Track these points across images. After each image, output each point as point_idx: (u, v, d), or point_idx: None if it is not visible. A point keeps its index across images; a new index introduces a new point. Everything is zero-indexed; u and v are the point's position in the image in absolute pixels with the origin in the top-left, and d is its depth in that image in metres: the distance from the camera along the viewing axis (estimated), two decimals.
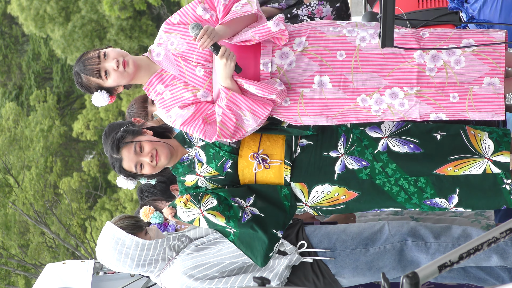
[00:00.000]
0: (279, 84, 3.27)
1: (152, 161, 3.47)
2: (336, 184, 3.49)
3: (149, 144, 3.48)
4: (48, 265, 5.37)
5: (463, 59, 3.21)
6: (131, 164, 3.48)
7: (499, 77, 3.19)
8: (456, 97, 3.22)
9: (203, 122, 3.34)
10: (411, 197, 3.44)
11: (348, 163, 3.48)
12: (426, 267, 2.03)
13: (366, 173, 3.46)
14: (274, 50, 3.33)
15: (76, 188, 20.72)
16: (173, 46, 3.41)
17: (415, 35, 3.28)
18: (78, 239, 19.48)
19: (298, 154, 3.53)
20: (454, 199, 3.42)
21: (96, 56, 3.38)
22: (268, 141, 3.55)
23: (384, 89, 3.25)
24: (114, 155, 3.49)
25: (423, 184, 3.42)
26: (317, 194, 3.52)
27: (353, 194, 3.49)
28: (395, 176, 3.44)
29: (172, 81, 3.41)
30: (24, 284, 19.39)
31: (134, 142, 3.47)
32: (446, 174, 3.40)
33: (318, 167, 3.50)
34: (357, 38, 3.29)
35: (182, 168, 3.62)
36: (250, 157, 3.53)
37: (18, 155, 20.97)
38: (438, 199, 3.43)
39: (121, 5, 20.16)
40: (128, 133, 3.51)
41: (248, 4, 3.33)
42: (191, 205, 3.51)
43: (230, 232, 3.54)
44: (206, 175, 3.57)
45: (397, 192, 3.45)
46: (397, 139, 3.46)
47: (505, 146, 3.37)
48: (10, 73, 24.32)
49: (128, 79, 3.40)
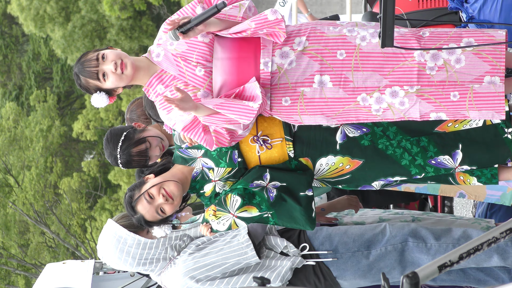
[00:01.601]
0: (258, 90, 3.24)
1: (168, 200, 3.46)
2: (339, 154, 3.50)
3: (155, 188, 3.46)
4: (48, 265, 5.37)
5: (464, 58, 3.21)
6: (152, 215, 3.47)
7: (500, 76, 3.19)
8: (456, 95, 3.23)
9: (203, 130, 3.34)
10: (415, 158, 3.46)
11: (348, 131, 3.49)
12: (426, 267, 2.03)
13: (368, 139, 3.48)
14: (274, 49, 3.33)
15: (76, 188, 20.71)
16: (172, 46, 3.40)
17: (415, 34, 3.28)
18: (78, 239, 19.48)
19: (297, 129, 3.54)
20: (458, 155, 3.45)
21: (94, 59, 3.37)
22: (265, 122, 3.55)
23: (384, 88, 3.26)
24: (134, 215, 3.49)
25: (426, 143, 3.45)
26: (321, 166, 3.53)
27: (357, 162, 3.50)
28: (396, 138, 3.46)
29: (172, 81, 3.41)
30: (24, 284, 19.39)
31: (142, 195, 3.47)
32: (447, 130, 3.43)
33: (319, 140, 3.52)
34: (357, 37, 3.29)
35: (197, 184, 3.61)
36: (250, 141, 3.54)
37: (18, 155, 20.97)
38: (442, 157, 3.45)
39: (121, 5, 20.15)
40: (134, 190, 3.51)
41: (237, 6, 3.33)
42: (221, 213, 3.51)
43: (268, 217, 3.52)
44: (221, 177, 3.57)
45: (400, 154, 3.47)
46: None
47: None
48: (10, 73, 24.32)
49: (126, 81, 3.39)
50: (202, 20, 3.19)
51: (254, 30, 3.25)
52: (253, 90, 3.26)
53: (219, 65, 3.33)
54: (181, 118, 3.35)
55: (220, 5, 3.13)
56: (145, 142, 3.65)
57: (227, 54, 3.33)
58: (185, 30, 3.19)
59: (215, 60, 3.34)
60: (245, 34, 3.26)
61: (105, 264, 5.20)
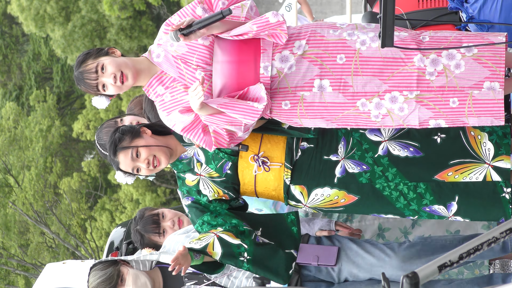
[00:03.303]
0: (263, 92, 3.24)
1: (149, 167, 3.48)
2: (336, 188, 3.49)
3: (146, 150, 3.48)
4: (48, 265, 5.37)
5: (463, 63, 3.20)
6: (128, 169, 3.51)
7: (499, 82, 3.18)
8: (456, 102, 3.22)
9: (203, 130, 3.34)
10: (410, 203, 3.44)
11: (348, 166, 3.48)
12: (426, 267, 2.03)
13: (366, 177, 3.46)
14: (274, 53, 3.32)
15: (76, 188, 20.69)
16: (173, 47, 3.40)
17: (415, 39, 3.27)
18: (78, 239, 19.47)
19: (299, 157, 3.53)
20: (453, 206, 3.42)
21: (93, 71, 3.35)
22: (269, 143, 3.54)
23: (384, 93, 3.24)
24: (111, 156, 3.50)
25: (423, 190, 3.42)
26: (316, 196, 3.52)
27: (353, 198, 3.49)
28: (395, 181, 3.44)
29: (172, 83, 3.41)
30: (24, 284, 19.38)
31: (131, 148, 3.47)
32: (446, 180, 3.40)
33: (319, 171, 3.50)
34: (357, 41, 3.28)
35: (181, 165, 3.62)
36: (250, 159, 3.53)
37: (18, 155, 20.95)
38: (437, 206, 3.43)
39: (121, 5, 20.14)
40: (126, 135, 3.51)
41: (240, 7, 3.32)
42: (203, 235, 3.51)
43: (243, 261, 3.51)
44: (207, 175, 3.57)
45: (396, 197, 3.44)
46: (397, 142, 3.46)
47: (505, 149, 3.37)
48: (10, 73, 24.30)
49: (127, 89, 3.43)
50: (205, 24, 3.18)
51: (256, 33, 3.24)
52: (258, 92, 3.25)
53: (219, 68, 3.33)
54: (181, 119, 3.35)
55: (226, 12, 3.12)
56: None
57: (227, 57, 3.32)
58: (187, 33, 3.18)
59: (215, 64, 3.34)
60: (247, 36, 3.26)
61: None
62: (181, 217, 3.78)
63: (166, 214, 3.91)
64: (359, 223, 4.11)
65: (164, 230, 3.75)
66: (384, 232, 3.97)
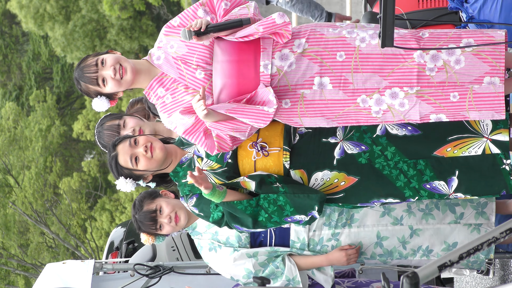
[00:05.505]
0: (271, 95, 3.25)
1: (147, 152, 3.48)
2: (335, 170, 3.49)
3: (143, 137, 3.54)
4: (48, 265, 5.36)
5: (463, 58, 3.21)
6: (126, 158, 3.50)
7: (499, 76, 3.19)
8: (456, 96, 3.23)
9: (205, 134, 3.35)
10: (411, 180, 3.44)
11: (347, 148, 3.49)
12: (426, 267, 2.03)
13: (365, 157, 3.47)
14: (274, 51, 3.32)
15: (76, 188, 20.71)
16: (173, 49, 3.41)
17: (415, 35, 3.28)
18: (78, 239, 19.49)
19: (297, 141, 3.54)
20: (453, 181, 3.43)
21: (94, 64, 3.39)
22: (267, 130, 3.55)
23: (384, 89, 3.26)
24: (111, 153, 3.52)
25: (422, 167, 3.43)
26: (316, 181, 3.52)
27: (353, 179, 3.49)
28: (394, 159, 3.45)
29: (172, 84, 3.42)
30: (24, 284, 19.40)
31: (129, 138, 3.55)
32: (446, 156, 3.41)
33: (317, 153, 3.51)
34: (357, 39, 3.29)
35: (182, 171, 3.61)
36: (249, 146, 3.54)
37: (18, 155, 20.97)
38: (437, 182, 3.44)
39: (121, 5, 20.16)
40: (126, 138, 3.59)
41: (245, 7, 3.34)
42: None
43: (278, 186, 3.48)
44: (208, 169, 3.57)
45: (396, 175, 3.45)
46: (396, 122, 3.45)
47: (503, 123, 3.38)
48: (10, 73, 24.32)
49: (126, 86, 3.42)
50: (222, 28, 3.24)
51: (261, 34, 3.26)
52: (266, 95, 3.26)
53: (219, 68, 3.33)
54: (182, 122, 3.36)
55: (246, 21, 3.21)
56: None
57: (227, 57, 3.32)
58: (201, 33, 3.22)
59: (215, 63, 3.34)
60: (252, 38, 3.27)
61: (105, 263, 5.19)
62: (178, 211, 3.87)
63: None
64: (358, 228, 4.03)
65: (161, 225, 3.87)
66: (383, 240, 3.93)
